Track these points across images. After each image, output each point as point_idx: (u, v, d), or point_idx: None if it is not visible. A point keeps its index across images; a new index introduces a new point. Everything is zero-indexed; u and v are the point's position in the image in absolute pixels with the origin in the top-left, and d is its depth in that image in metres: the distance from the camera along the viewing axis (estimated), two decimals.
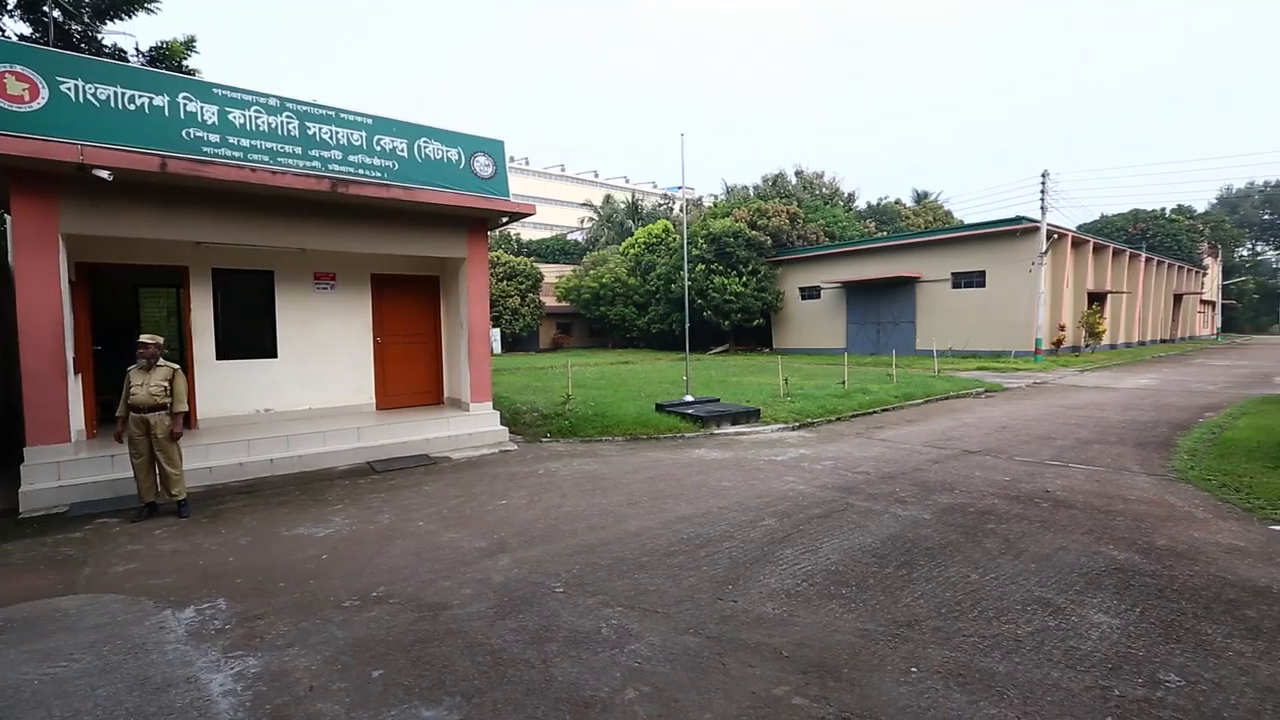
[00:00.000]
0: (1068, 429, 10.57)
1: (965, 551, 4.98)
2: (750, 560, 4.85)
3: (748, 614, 3.97)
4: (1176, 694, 3.08)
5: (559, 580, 4.52)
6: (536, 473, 7.87)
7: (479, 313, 10.09)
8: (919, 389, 15.25)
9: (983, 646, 3.54)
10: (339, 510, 6.34)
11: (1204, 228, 58.40)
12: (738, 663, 3.40)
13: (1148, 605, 4.02)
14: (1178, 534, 5.36)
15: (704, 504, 6.38)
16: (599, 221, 55.23)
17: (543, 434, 10.32)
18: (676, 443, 9.85)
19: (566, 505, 6.41)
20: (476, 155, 9.49)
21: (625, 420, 10.80)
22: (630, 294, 39.23)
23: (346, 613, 4.07)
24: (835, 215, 40.71)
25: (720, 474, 7.66)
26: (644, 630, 3.76)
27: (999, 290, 27.42)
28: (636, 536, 5.43)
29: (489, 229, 10.47)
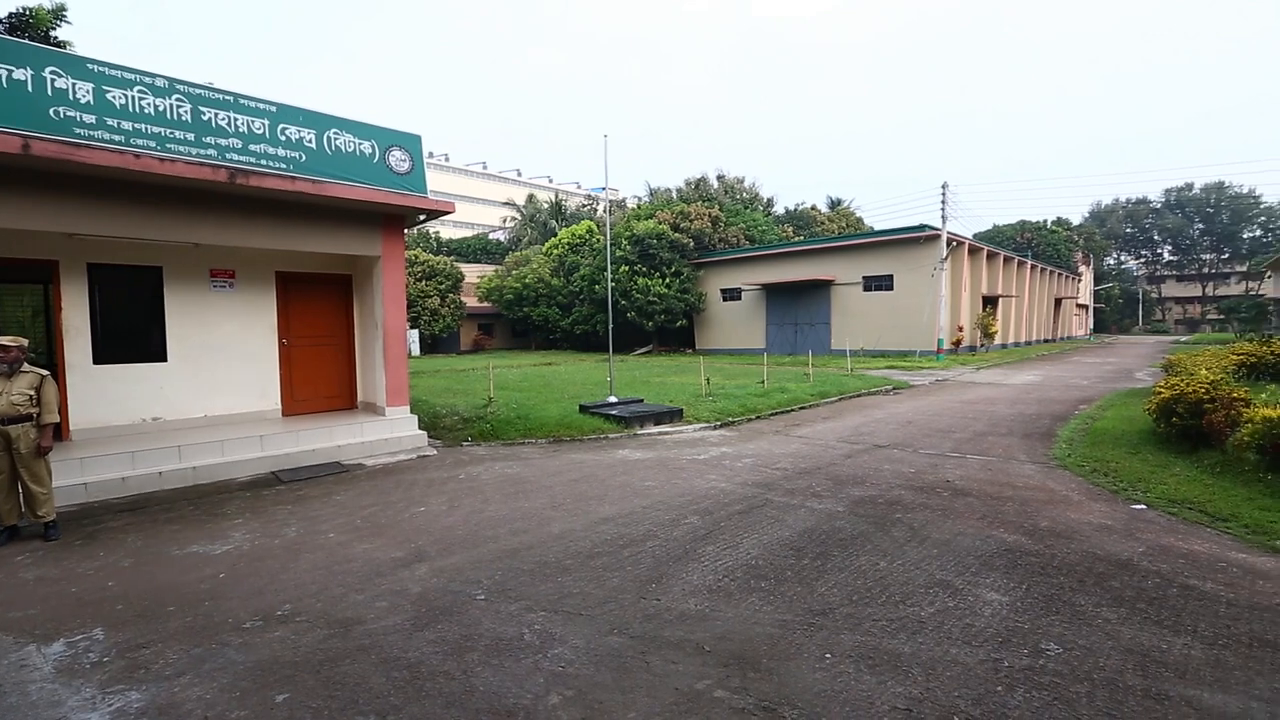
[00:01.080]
0: (965, 422, 11.37)
1: (875, 541, 5.25)
2: (673, 558, 4.91)
3: (671, 611, 4.02)
4: (1056, 660, 3.38)
5: (480, 587, 4.41)
6: (457, 478, 7.64)
7: (395, 313, 9.69)
8: (834, 387, 15.96)
9: (890, 629, 3.75)
10: (239, 525, 5.91)
11: (1079, 238, 64.44)
12: (661, 660, 3.43)
13: (1032, 582, 4.39)
14: (1057, 516, 5.88)
15: (628, 504, 6.40)
16: (522, 221, 54.42)
17: (464, 438, 10.04)
18: (600, 444, 9.84)
19: (488, 510, 6.27)
20: (392, 149, 9.11)
21: (548, 422, 10.69)
22: (554, 295, 38.89)
23: (247, 635, 3.80)
24: (755, 219, 41.98)
25: (644, 474, 7.72)
26: (568, 634, 3.73)
27: (905, 293, 29.15)
28: (560, 539, 5.38)
29: (406, 226, 10.08)
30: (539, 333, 41.03)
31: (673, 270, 35.17)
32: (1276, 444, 6.54)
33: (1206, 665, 3.33)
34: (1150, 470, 7.40)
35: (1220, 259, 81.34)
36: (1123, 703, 3.01)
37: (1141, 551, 4.96)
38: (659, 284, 34.43)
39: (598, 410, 11.61)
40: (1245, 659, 3.39)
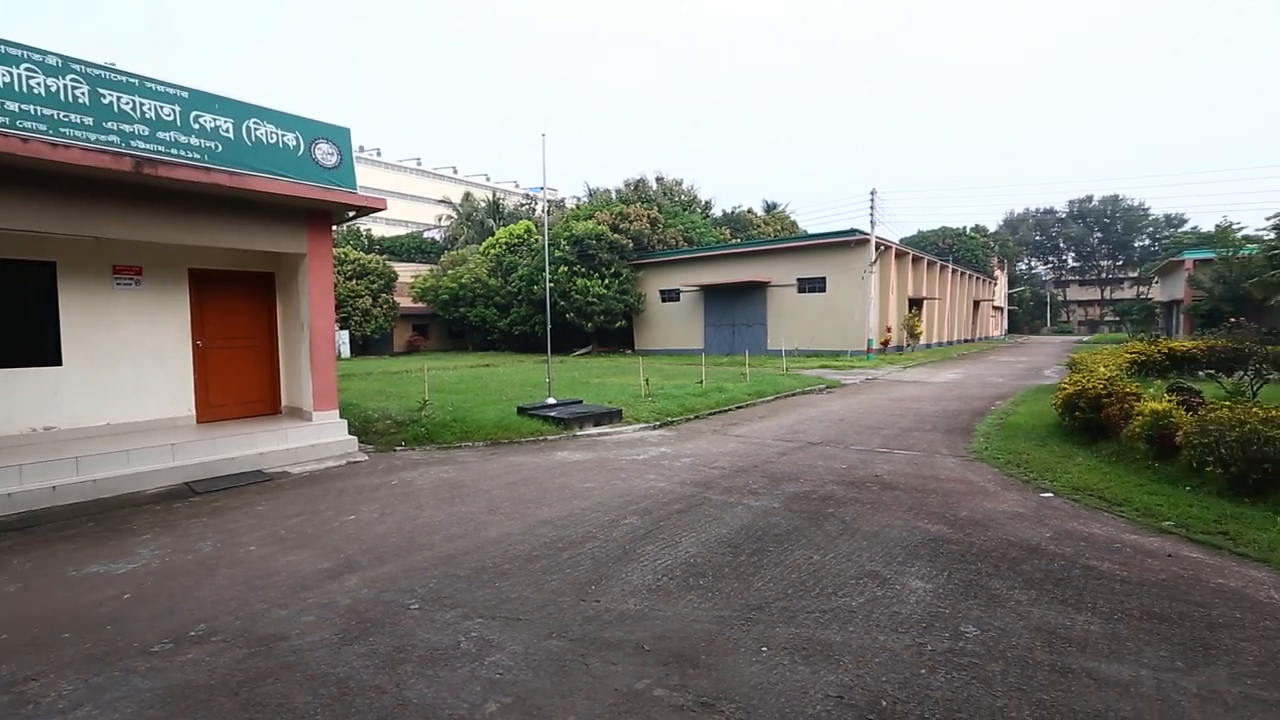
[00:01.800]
0: (893, 419, 11.90)
1: (809, 535, 5.42)
2: (613, 559, 4.91)
3: (611, 612, 4.01)
4: (973, 642, 3.58)
5: (414, 596, 4.28)
6: (390, 484, 7.38)
7: (322, 313, 9.27)
8: (770, 386, 16.37)
9: (823, 620, 3.87)
10: (147, 541, 5.51)
11: (994, 245, 68.59)
12: (601, 662, 3.42)
13: (953, 569, 4.63)
14: (975, 506, 6.24)
15: (567, 506, 6.36)
16: (458, 220, 53.14)
17: (397, 442, 9.71)
18: (539, 445, 9.74)
19: (423, 516, 6.08)
20: (318, 142, 8.71)
21: (486, 425, 10.49)
22: (491, 295, 38.20)
23: (155, 659, 3.54)
24: (694, 221, 42.55)
25: (583, 475, 7.69)
26: (505, 640, 3.67)
27: (837, 295, 30.23)
28: (498, 544, 5.28)
29: (334, 223, 9.66)
30: (476, 334, 40.20)
31: (612, 271, 35.21)
32: (1162, 434, 7.15)
33: (1104, 639, 3.61)
34: (1057, 460, 7.94)
35: (1116, 265, 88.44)
36: (1032, 677, 3.22)
37: (1049, 536, 5.32)
38: (598, 285, 34.38)
39: (536, 412, 11.47)
40: (1136, 631, 3.69)
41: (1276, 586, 4.30)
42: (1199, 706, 2.98)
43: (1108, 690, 3.11)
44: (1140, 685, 3.15)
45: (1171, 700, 3.02)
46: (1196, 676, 3.22)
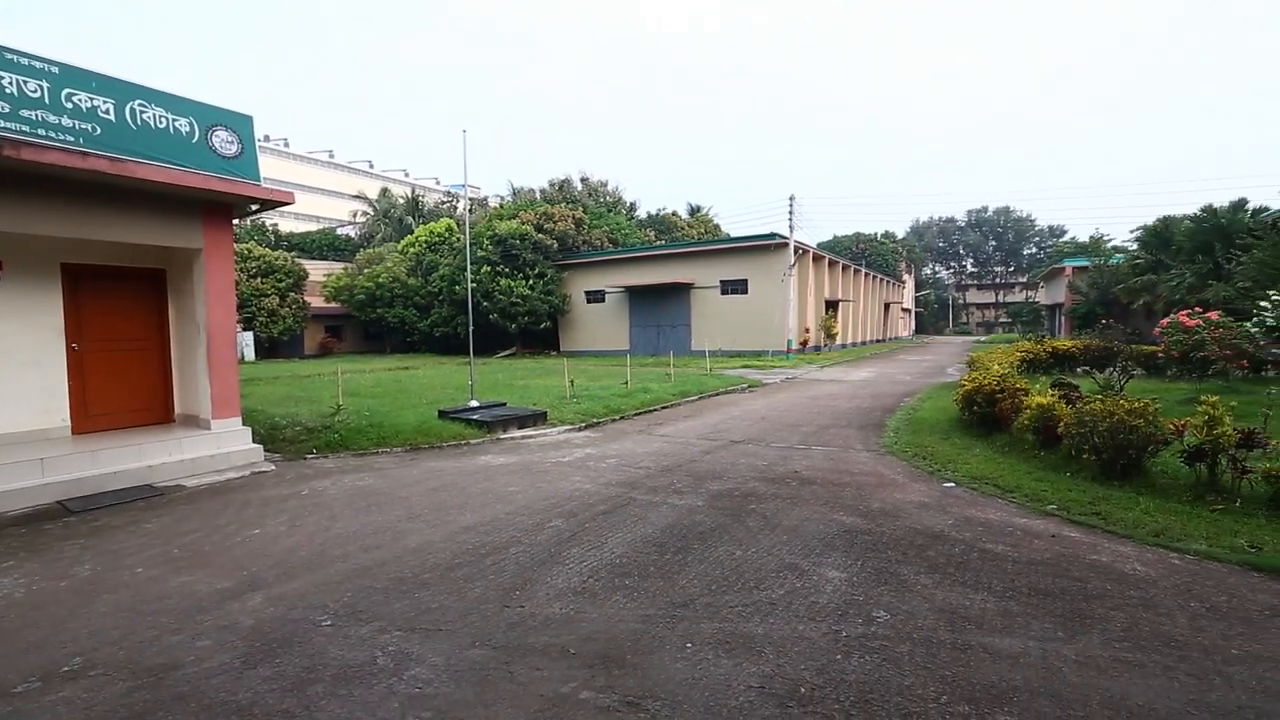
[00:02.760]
0: (811, 417, 12.39)
1: (732, 531, 5.55)
2: (538, 563, 4.85)
3: (536, 617, 3.95)
4: (884, 626, 3.78)
5: (326, 612, 4.05)
6: (299, 494, 6.97)
7: (221, 313, 8.63)
8: (694, 387, 16.66)
9: (745, 614, 3.97)
10: (9, 568, 4.93)
11: (903, 250, 72.80)
12: (526, 668, 3.37)
13: (866, 558, 4.87)
14: (886, 497, 6.59)
15: (490, 511, 6.22)
16: (375, 216, 50.91)
17: (308, 450, 9.18)
18: (461, 450, 9.48)
19: (336, 527, 5.78)
20: (216, 129, 8.11)
21: (405, 429, 10.10)
22: (411, 295, 36.83)
23: (19, 700, 3.18)
24: (619, 222, 42.70)
25: (507, 479, 7.55)
26: (425, 652, 3.54)
27: (759, 296, 31.16)
28: (417, 553, 5.10)
29: (235, 217, 9.02)
30: (395, 335, 38.65)
31: (536, 271, 34.78)
32: (1046, 426, 7.82)
33: (998, 615, 3.90)
34: (958, 452, 8.52)
35: (1008, 271, 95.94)
36: (936, 655, 3.43)
37: (950, 524, 5.70)
38: (522, 285, 33.88)
39: (458, 415, 11.16)
40: (1026, 607, 4.01)
41: (1140, 559, 4.79)
42: (1076, 671, 3.27)
43: (1001, 662, 3.36)
44: (1028, 656, 3.42)
45: (1054, 667, 3.30)
46: (1075, 644, 3.54)
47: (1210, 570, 4.58)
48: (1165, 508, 5.84)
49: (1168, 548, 5.00)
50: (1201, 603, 4.06)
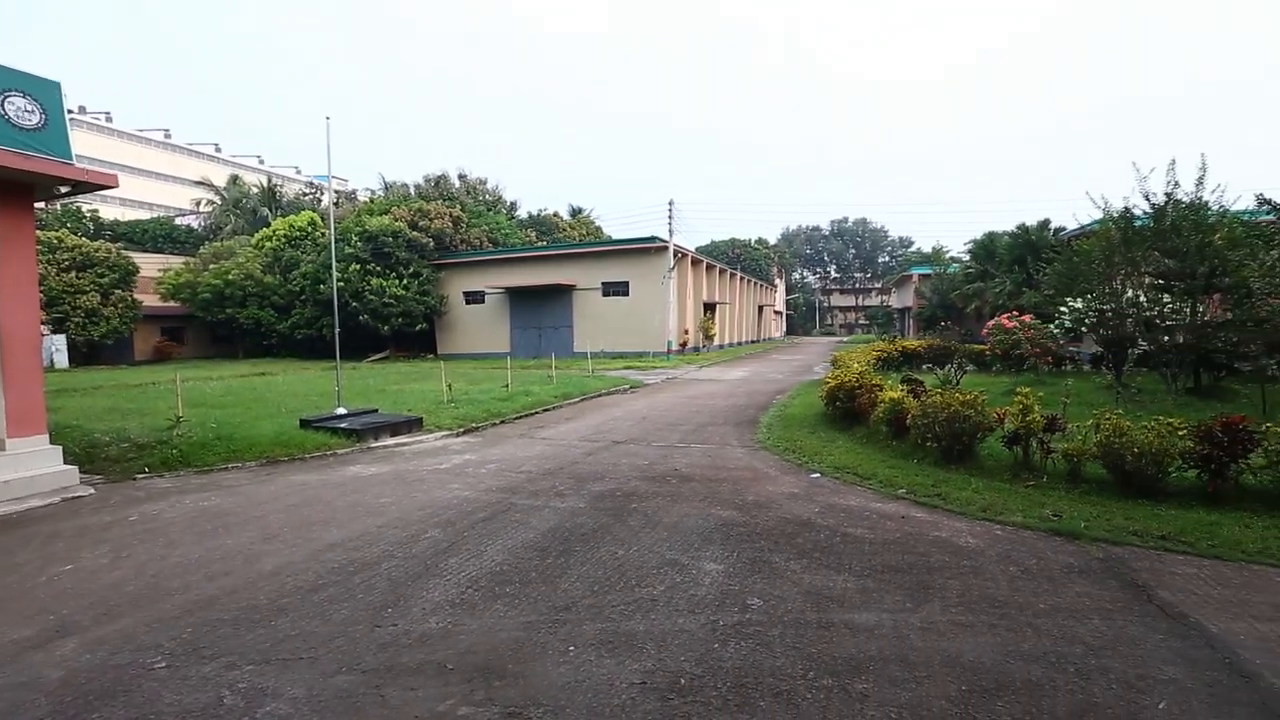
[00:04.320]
0: (690, 415, 12.80)
1: (614, 531, 5.59)
2: (412, 577, 4.61)
3: (410, 635, 3.75)
4: (758, 612, 3.99)
5: (160, 653, 3.58)
6: (127, 520, 6.11)
7: (20, 312, 7.37)
8: (576, 388, 16.64)
9: (628, 612, 4.02)
10: None
11: (774, 256, 77.36)
12: (399, 690, 3.18)
13: (741, 549, 5.11)
14: (759, 490, 6.96)
15: (359, 526, 5.82)
16: (223, 206, 45.92)
17: (138, 470, 8.08)
18: (327, 461, 8.80)
19: (175, 555, 5.13)
20: (9, 95, 6.92)
21: (261, 441, 9.20)
22: (268, 294, 33.66)
23: None
24: (499, 222, 41.70)
25: (379, 490, 7.11)
26: (283, 685, 3.24)
27: (640, 298, 31.72)
28: (275, 576, 4.66)
29: (39, 200, 7.75)
30: (249, 338, 35.09)
31: (411, 271, 33.09)
32: (897, 418, 8.64)
33: (857, 593, 4.24)
34: (823, 445, 9.18)
35: (866, 277, 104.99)
36: (804, 635, 3.67)
37: (816, 511, 6.13)
38: (395, 285, 32.09)
39: (323, 424, 10.35)
40: (880, 583, 4.40)
41: (971, 533, 5.42)
42: (921, 636, 3.64)
43: (859, 635, 3.66)
44: (882, 627, 3.76)
45: (903, 635, 3.65)
46: (920, 613, 3.93)
47: (1024, 538, 5.29)
48: (991, 486, 6.66)
49: (992, 521, 5.71)
50: (1018, 566, 4.67)
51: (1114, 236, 12.80)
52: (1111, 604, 4.05)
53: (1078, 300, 14.67)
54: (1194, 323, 12.14)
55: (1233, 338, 11.58)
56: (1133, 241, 12.54)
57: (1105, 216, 13.18)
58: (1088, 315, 14.37)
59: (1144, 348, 13.50)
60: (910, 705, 3.00)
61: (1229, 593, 4.20)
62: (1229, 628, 3.71)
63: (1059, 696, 3.06)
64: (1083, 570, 4.60)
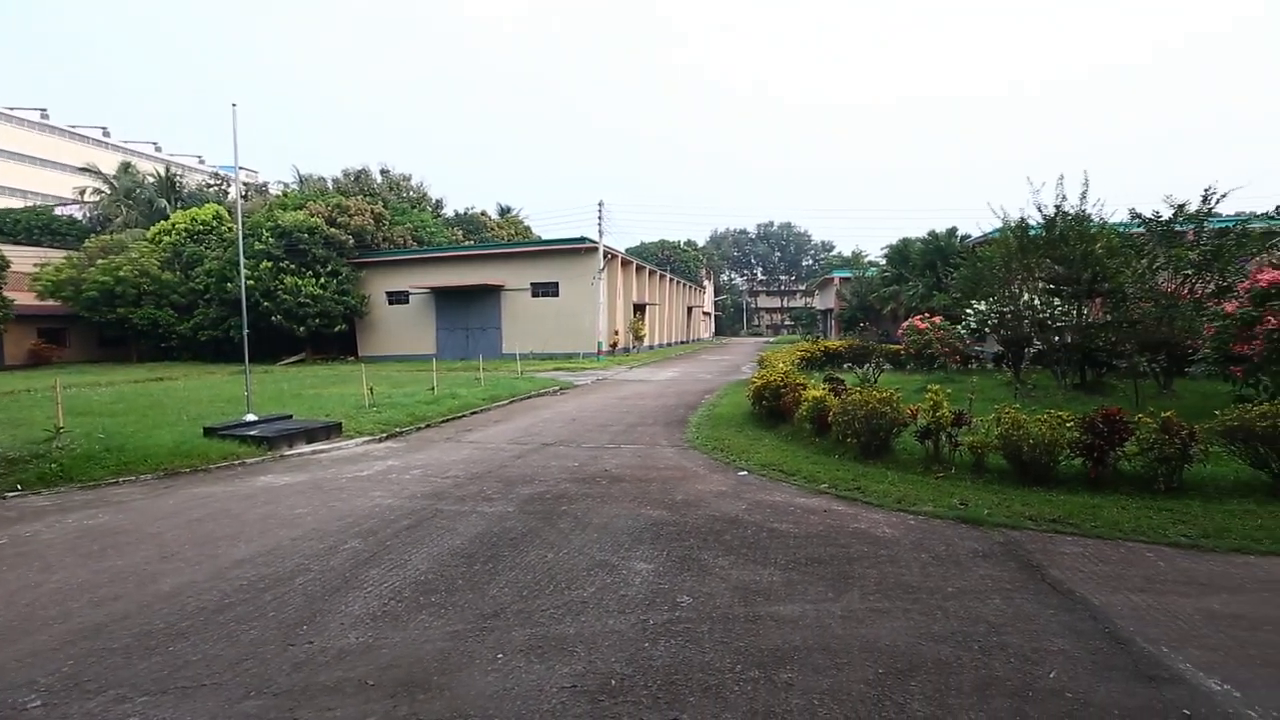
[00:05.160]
0: (620, 416, 12.83)
1: (544, 535, 5.53)
2: (330, 591, 4.38)
3: (327, 652, 3.57)
4: (688, 610, 4.04)
5: (34, 690, 3.24)
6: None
7: None
8: (505, 390, 16.34)
9: (557, 616, 3.98)
10: None
11: (703, 258, 78.77)
12: (314, 711, 3.02)
13: (671, 548, 5.16)
14: (689, 489, 7.06)
15: (272, 539, 5.49)
16: (112, 196, 42.12)
17: (8, 487, 7.29)
18: (235, 471, 8.24)
19: (53, 580, 4.66)
20: None
21: (158, 452, 8.50)
22: (166, 293, 31.20)
23: None
24: (424, 220, 40.39)
25: (293, 500, 6.72)
26: (182, 715, 3.00)
27: (570, 299, 31.52)
28: (174, 597, 4.31)
29: None
30: (145, 341, 32.41)
31: (329, 269, 31.54)
32: (819, 416, 8.97)
33: (782, 586, 4.38)
34: (750, 443, 9.41)
35: (791, 279, 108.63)
36: (732, 629, 3.75)
37: (744, 508, 6.28)
38: (312, 284, 30.49)
39: (231, 432, 9.69)
40: (804, 575, 4.56)
41: (887, 523, 5.71)
42: (842, 624, 3.79)
43: (784, 627, 3.78)
44: (805, 618, 3.89)
45: (825, 624, 3.80)
46: (840, 602, 4.10)
47: (935, 526, 5.61)
48: (906, 478, 7.03)
49: (907, 511, 6.03)
50: (929, 553, 4.95)
51: (1012, 244, 13.81)
52: (1010, 584, 4.37)
53: (981, 303, 15.77)
54: (1080, 324, 13.28)
55: (1111, 338, 12.75)
56: (1028, 249, 13.56)
57: (1004, 225, 14.20)
58: (990, 317, 15.47)
59: (1038, 347, 14.67)
60: (831, 691, 3.12)
61: (1108, 568, 4.62)
62: (1108, 600, 4.08)
63: (965, 673, 3.26)
64: (986, 554, 4.93)
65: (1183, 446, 6.10)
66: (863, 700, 3.04)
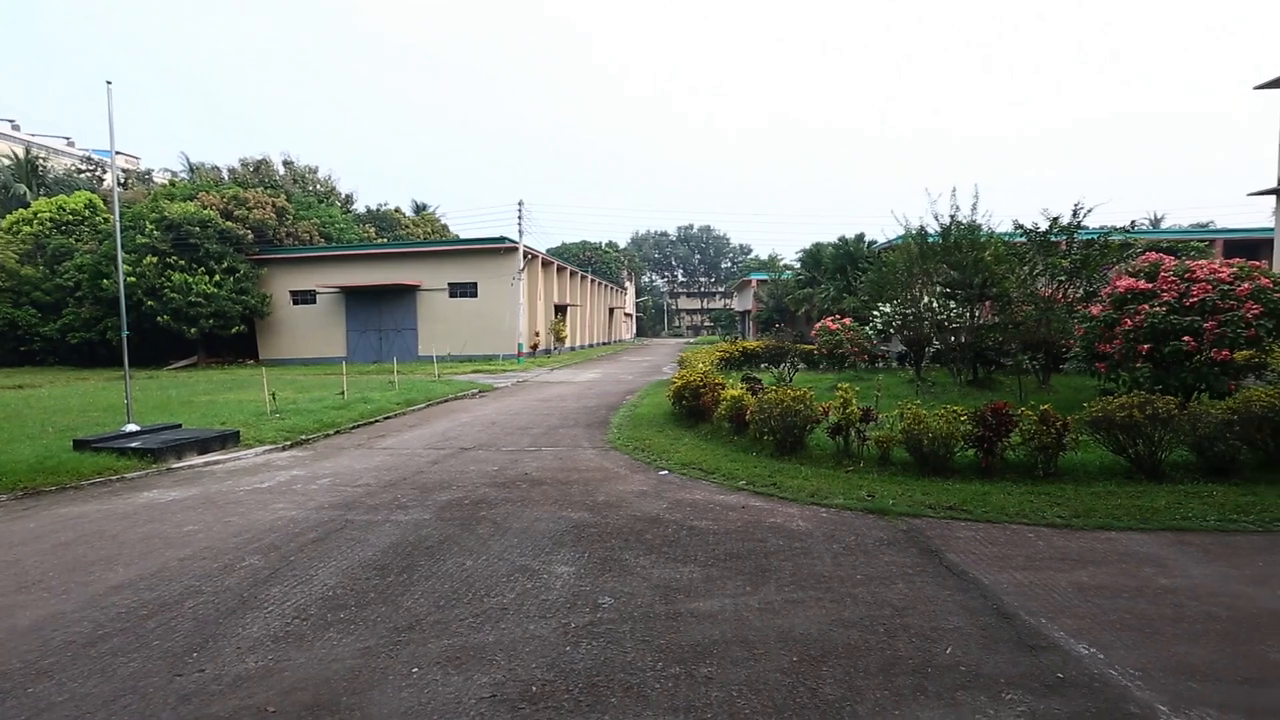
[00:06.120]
0: (541, 418, 12.66)
1: (462, 542, 5.37)
2: (225, 613, 4.06)
3: (221, 680, 3.30)
4: (609, 610, 4.03)
5: None
6: None
7: None
8: (421, 394, 15.76)
9: (476, 624, 3.87)
10: None
11: (624, 259, 79.12)
12: None
13: (592, 550, 5.14)
14: (610, 489, 7.06)
15: (155, 561, 5.02)
16: None
17: None
18: (113, 488, 7.49)
19: None
20: None
21: (15, 469, 7.59)
22: (26, 290, 27.99)
23: None
24: (332, 215, 38.31)
25: (182, 518, 6.19)
26: None
27: (489, 300, 30.82)
28: (35, 632, 3.86)
29: None
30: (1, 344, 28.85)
31: (225, 266, 29.30)
32: (738, 414, 9.22)
33: (702, 582, 4.46)
34: (671, 443, 9.54)
35: (711, 281, 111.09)
36: (653, 627, 3.78)
37: (665, 507, 6.35)
38: (205, 282, 28.22)
39: (107, 444, 8.80)
40: (724, 571, 4.66)
41: (801, 517, 5.94)
42: (759, 617, 3.91)
43: (704, 622, 3.85)
44: (724, 612, 3.98)
45: (743, 618, 3.90)
46: (758, 595, 4.23)
47: (845, 518, 5.89)
48: (818, 473, 7.34)
49: (819, 504, 6.30)
50: (840, 544, 5.19)
51: (913, 250, 14.76)
52: (912, 569, 4.65)
53: (887, 305, 16.74)
54: (972, 325, 14.37)
55: (999, 338, 13.89)
56: (927, 255, 14.54)
57: (906, 233, 15.16)
58: (895, 319, 16.46)
59: (937, 346, 15.76)
60: (749, 681, 3.21)
61: (996, 549, 5.01)
62: (996, 579, 4.43)
63: (872, 655, 3.44)
64: (891, 542, 5.23)
65: (1058, 436, 6.72)
66: (778, 688, 3.15)
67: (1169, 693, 3.07)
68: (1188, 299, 8.65)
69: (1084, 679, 3.19)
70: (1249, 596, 4.12)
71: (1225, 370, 8.52)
